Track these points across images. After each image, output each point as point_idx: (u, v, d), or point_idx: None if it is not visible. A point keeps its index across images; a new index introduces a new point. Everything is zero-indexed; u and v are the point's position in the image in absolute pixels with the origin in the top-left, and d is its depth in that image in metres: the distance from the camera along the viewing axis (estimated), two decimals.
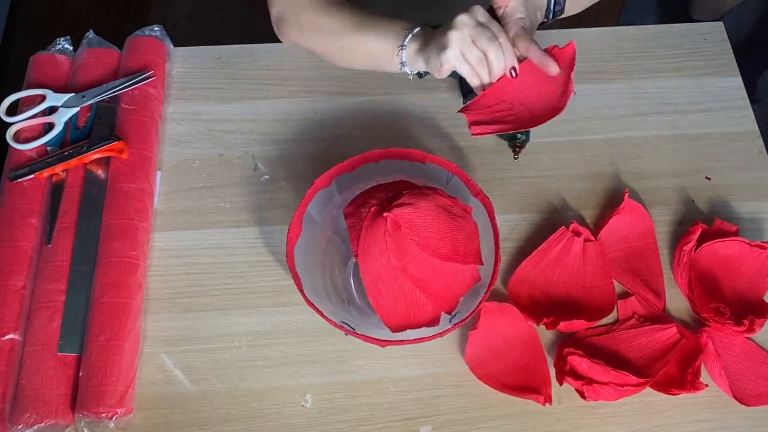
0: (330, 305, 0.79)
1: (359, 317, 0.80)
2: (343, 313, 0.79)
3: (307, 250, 0.79)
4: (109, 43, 0.98)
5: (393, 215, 0.72)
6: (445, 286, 0.75)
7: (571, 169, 0.94)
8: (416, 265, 0.73)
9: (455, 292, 0.76)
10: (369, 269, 0.73)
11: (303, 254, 0.79)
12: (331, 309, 0.78)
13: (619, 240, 0.88)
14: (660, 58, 1.02)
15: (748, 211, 0.91)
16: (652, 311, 0.84)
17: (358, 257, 0.73)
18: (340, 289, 0.83)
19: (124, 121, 0.91)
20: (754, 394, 0.79)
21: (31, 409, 0.74)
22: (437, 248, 0.73)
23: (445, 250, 0.74)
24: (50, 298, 0.80)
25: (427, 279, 0.74)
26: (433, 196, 0.75)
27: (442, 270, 0.74)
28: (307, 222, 0.80)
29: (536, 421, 0.78)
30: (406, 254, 0.73)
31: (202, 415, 0.78)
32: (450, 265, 0.74)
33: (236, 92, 0.98)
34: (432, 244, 0.73)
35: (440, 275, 0.74)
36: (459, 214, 0.75)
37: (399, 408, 0.79)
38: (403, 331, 0.75)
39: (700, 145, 0.96)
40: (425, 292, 0.74)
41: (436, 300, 0.75)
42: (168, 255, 0.87)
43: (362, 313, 0.81)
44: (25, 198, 0.85)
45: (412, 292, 0.74)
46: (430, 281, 0.74)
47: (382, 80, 0.99)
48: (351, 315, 0.80)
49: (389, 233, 0.72)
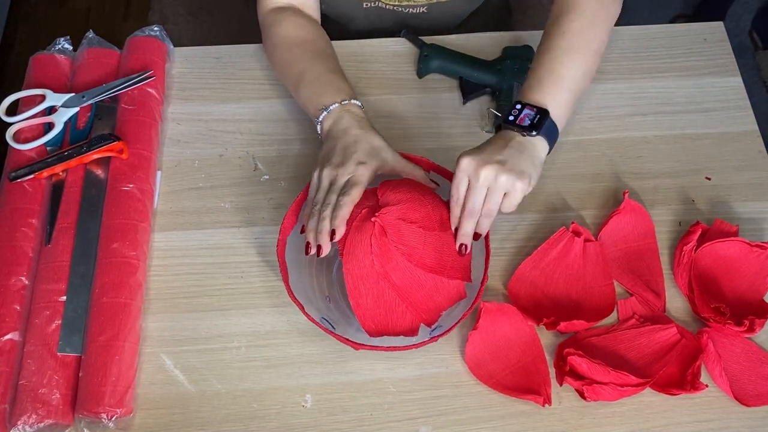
0: (314, 301, 0.80)
1: (339, 317, 0.80)
2: (326, 311, 0.79)
3: (298, 246, 0.80)
4: (109, 43, 0.98)
5: (381, 220, 0.73)
6: (427, 297, 0.75)
7: (571, 169, 0.94)
8: (399, 273, 0.74)
9: (437, 305, 0.76)
10: (352, 270, 0.74)
11: (294, 251, 0.80)
12: (315, 305, 0.79)
13: (619, 240, 0.88)
14: (660, 58, 1.02)
15: (748, 211, 0.91)
16: (652, 311, 0.84)
17: (343, 256, 0.74)
18: (324, 286, 0.83)
19: (124, 121, 0.91)
20: (754, 394, 0.79)
21: (31, 409, 0.74)
22: (422, 259, 0.74)
23: (430, 262, 0.74)
24: (50, 298, 0.80)
25: (409, 288, 0.74)
26: (431, 208, 0.76)
27: (425, 282, 0.74)
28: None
29: (536, 422, 0.78)
30: (390, 260, 0.73)
31: (202, 415, 0.78)
32: (434, 278, 0.75)
33: (236, 92, 0.98)
34: (417, 254, 0.74)
35: (422, 286, 0.75)
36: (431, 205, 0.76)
37: (399, 408, 0.79)
38: (380, 337, 0.75)
39: (700, 145, 0.96)
40: (405, 300, 0.74)
41: (416, 310, 0.75)
42: (168, 255, 0.87)
43: (343, 314, 0.81)
44: (25, 198, 0.85)
45: (392, 299, 0.74)
46: (412, 291, 0.74)
47: (383, 80, 0.99)
48: (332, 314, 0.80)
49: (375, 237, 0.73)
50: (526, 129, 0.78)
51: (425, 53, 0.99)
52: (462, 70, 0.98)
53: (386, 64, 1.01)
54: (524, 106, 0.79)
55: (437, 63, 0.98)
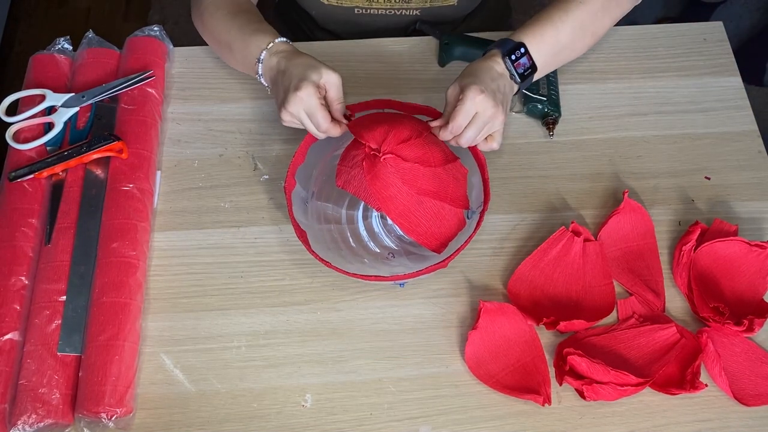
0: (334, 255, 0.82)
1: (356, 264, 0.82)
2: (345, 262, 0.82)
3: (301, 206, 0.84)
4: (108, 43, 0.98)
5: (390, 156, 0.75)
6: (434, 221, 0.77)
7: (571, 169, 0.94)
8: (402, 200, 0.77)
9: (444, 231, 0.79)
10: (394, 209, 0.76)
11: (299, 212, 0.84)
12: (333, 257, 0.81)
13: (619, 240, 0.88)
14: (659, 58, 1.02)
15: (747, 211, 0.91)
16: (652, 311, 0.84)
17: (381, 208, 0.76)
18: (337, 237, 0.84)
19: (124, 121, 0.91)
20: (753, 394, 0.79)
21: (31, 409, 0.74)
22: (424, 187, 0.77)
23: (432, 188, 0.77)
24: (50, 298, 0.80)
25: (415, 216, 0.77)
26: (426, 138, 0.78)
27: (431, 206, 0.77)
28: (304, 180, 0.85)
29: (536, 421, 0.78)
30: (416, 183, 0.76)
31: (202, 415, 0.78)
32: (437, 204, 0.77)
33: (236, 92, 0.98)
34: (418, 183, 0.76)
35: (427, 211, 0.77)
36: (450, 159, 0.79)
37: (399, 408, 0.79)
38: (446, 247, 0.79)
39: (700, 145, 0.96)
40: (442, 199, 0.77)
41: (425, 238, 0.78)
42: (168, 255, 0.87)
43: (357, 259, 0.82)
44: (24, 198, 0.85)
45: (435, 207, 0.77)
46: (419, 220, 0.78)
47: (384, 81, 0.99)
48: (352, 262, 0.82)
49: (393, 173, 0.75)
50: (518, 75, 0.82)
51: (446, 41, 0.99)
52: None
53: (389, 63, 1.01)
54: (526, 53, 0.82)
55: (460, 50, 0.98)
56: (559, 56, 0.87)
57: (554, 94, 0.95)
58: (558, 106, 0.95)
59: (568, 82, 0.98)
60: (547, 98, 0.94)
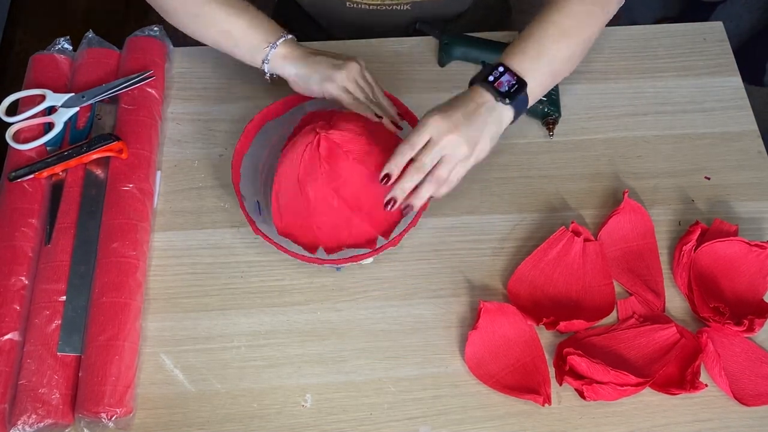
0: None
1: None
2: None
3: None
4: (108, 43, 0.98)
5: (327, 134, 0.76)
6: (378, 206, 0.77)
7: (570, 169, 0.94)
8: (350, 185, 0.77)
9: (389, 216, 0.79)
10: (307, 191, 0.77)
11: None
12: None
13: (619, 240, 0.88)
14: (659, 58, 1.02)
15: (747, 211, 0.91)
16: (652, 311, 0.84)
17: (299, 182, 0.77)
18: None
19: (124, 121, 0.91)
20: (754, 394, 0.79)
21: (31, 409, 0.74)
22: (369, 162, 0.77)
23: (376, 163, 0.76)
24: (50, 298, 0.80)
25: (361, 198, 0.78)
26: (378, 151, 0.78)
27: (376, 190, 0.77)
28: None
29: (536, 421, 0.78)
30: (339, 176, 0.77)
31: (202, 415, 0.78)
32: (381, 188, 0.76)
33: (236, 92, 0.99)
34: (364, 158, 0.77)
35: (373, 195, 0.77)
36: (383, 132, 0.81)
37: (399, 408, 0.79)
38: (337, 252, 0.80)
39: (700, 145, 0.96)
40: (360, 211, 0.78)
41: (370, 221, 0.79)
42: (168, 255, 0.87)
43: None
44: (24, 198, 0.85)
45: (347, 214, 0.78)
46: (363, 201, 0.78)
47: (384, 80, 0.99)
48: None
49: (323, 157, 0.76)
50: (501, 95, 0.75)
51: (445, 41, 0.98)
52: (485, 54, 0.97)
53: (389, 63, 1.01)
54: (506, 71, 0.77)
55: (460, 50, 0.98)
56: (551, 66, 0.80)
57: (554, 94, 0.95)
58: (558, 106, 0.95)
59: (567, 82, 0.98)
60: (547, 98, 0.94)
